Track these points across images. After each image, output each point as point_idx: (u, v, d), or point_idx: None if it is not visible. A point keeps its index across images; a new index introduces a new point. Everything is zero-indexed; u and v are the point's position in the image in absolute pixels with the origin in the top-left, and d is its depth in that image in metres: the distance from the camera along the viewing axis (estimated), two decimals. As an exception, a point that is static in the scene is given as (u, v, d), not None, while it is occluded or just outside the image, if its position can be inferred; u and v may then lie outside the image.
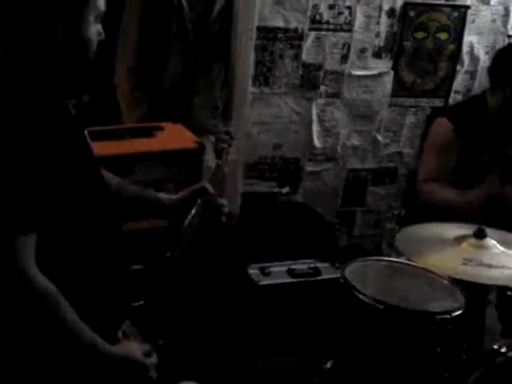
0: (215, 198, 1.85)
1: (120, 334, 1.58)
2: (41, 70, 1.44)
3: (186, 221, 1.77)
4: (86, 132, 1.61)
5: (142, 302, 1.72)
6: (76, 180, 1.44)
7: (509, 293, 2.28)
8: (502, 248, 2.12)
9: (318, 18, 3.43)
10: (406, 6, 3.55)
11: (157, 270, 1.75)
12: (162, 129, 2.81)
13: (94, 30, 1.48)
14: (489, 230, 2.16)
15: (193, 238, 1.77)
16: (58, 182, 1.38)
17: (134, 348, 1.52)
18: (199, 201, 1.80)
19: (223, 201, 1.88)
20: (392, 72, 3.67)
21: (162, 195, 1.89)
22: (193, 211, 1.78)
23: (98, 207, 1.53)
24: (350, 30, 3.51)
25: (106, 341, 1.44)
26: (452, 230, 2.24)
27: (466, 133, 2.76)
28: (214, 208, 1.84)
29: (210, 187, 1.85)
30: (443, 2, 3.63)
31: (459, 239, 2.16)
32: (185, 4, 2.97)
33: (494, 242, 2.13)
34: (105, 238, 1.55)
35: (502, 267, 2.00)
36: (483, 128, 2.80)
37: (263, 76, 3.44)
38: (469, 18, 3.70)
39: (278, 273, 2.85)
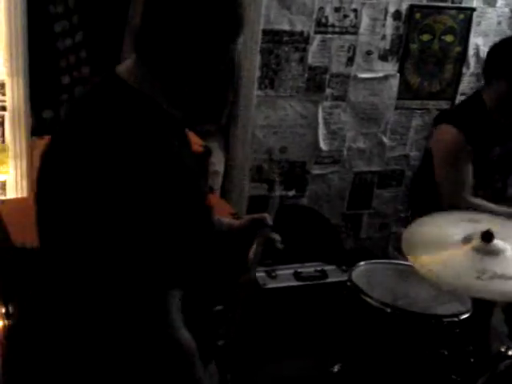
0: (271, 231, 1.85)
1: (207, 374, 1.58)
2: (175, 96, 1.40)
3: (251, 254, 1.78)
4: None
5: (223, 341, 1.72)
6: (198, 223, 1.40)
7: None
8: (510, 251, 2.07)
9: (323, 20, 3.43)
10: (411, 8, 3.55)
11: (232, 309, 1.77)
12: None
13: (235, 55, 1.45)
14: (494, 227, 2.09)
15: (249, 274, 1.79)
16: (191, 228, 1.34)
17: None
18: (258, 235, 1.81)
19: (277, 236, 1.88)
20: (398, 75, 3.67)
21: (227, 221, 1.88)
22: (254, 246, 1.79)
23: (204, 247, 1.49)
24: (355, 33, 3.51)
25: None
26: (458, 227, 2.17)
27: (475, 137, 2.76)
28: (272, 243, 1.85)
29: (269, 220, 1.84)
30: (449, 4, 3.63)
31: (466, 242, 2.10)
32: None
33: (502, 243, 2.07)
34: (201, 277, 1.53)
35: None
36: (487, 128, 2.80)
37: (269, 79, 3.44)
38: (474, 20, 3.70)
39: (285, 276, 2.85)
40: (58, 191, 1.37)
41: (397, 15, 3.55)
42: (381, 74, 3.64)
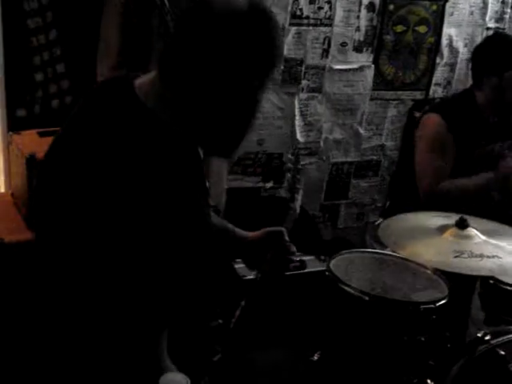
0: (289, 245, 1.86)
1: None
2: (194, 126, 1.37)
3: (258, 272, 1.80)
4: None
5: (219, 356, 1.72)
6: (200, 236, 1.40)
7: (492, 281, 2.32)
8: (483, 237, 2.14)
9: (298, 13, 3.44)
10: (385, 0, 3.59)
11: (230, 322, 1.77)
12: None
13: (262, 96, 1.42)
14: (469, 219, 2.17)
15: (259, 287, 1.80)
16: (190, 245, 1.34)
17: None
18: (272, 251, 1.82)
19: (294, 249, 1.88)
20: (373, 66, 3.70)
21: (238, 231, 1.87)
22: (264, 264, 1.81)
23: (202, 259, 1.47)
24: (330, 25, 3.53)
25: None
26: (432, 220, 2.25)
27: (459, 129, 2.79)
28: (285, 260, 1.86)
29: (285, 234, 1.84)
30: (422, -5, 3.67)
31: (442, 229, 2.17)
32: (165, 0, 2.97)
33: (475, 231, 2.15)
34: (196, 292, 1.52)
35: (493, 257, 2.01)
36: (474, 123, 2.82)
37: (245, 72, 3.44)
38: (447, 10, 3.74)
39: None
40: (58, 201, 1.35)
41: (371, 7, 3.57)
42: (356, 66, 3.66)
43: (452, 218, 2.18)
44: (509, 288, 2.29)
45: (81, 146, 1.34)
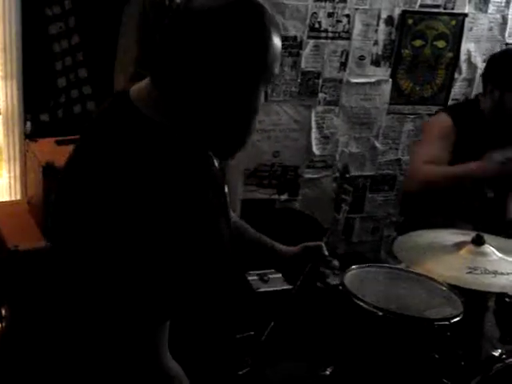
0: (329, 259, 1.86)
1: None
2: (194, 130, 1.33)
3: (295, 286, 1.81)
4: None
5: (247, 369, 1.71)
6: (214, 251, 1.34)
7: (507, 299, 2.29)
8: (499, 254, 2.12)
9: (316, 25, 3.45)
10: (404, 14, 3.58)
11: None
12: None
13: (262, 95, 1.37)
14: (486, 237, 2.16)
15: (294, 302, 1.81)
16: (201, 257, 1.29)
17: None
18: (309, 265, 1.83)
19: (335, 262, 1.88)
20: (390, 80, 3.69)
21: (277, 245, 1.87)
22: (301, 277, 1.82)
23: (221, 274, 1.44)
24: (348, 38, 3.53)
25: None
26: (449, 237, 2.24)
27: (463, 127, 2.79)
28: (321, 274, 1.87)
29: (324, 248, 1.85)
30: (441, 10, 3.66)
31: (458, 246, 2.16)
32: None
33: (492, 248, 2.13)
34: (218, 304, 1.49)
35: (507, 274, 1.99)
36: (478, 129, 2.82)
37: (262, 83, 3.45)
38: (466, 26, 3.73)
39: (277, 279, 2.85)
40: (71, 216, 1.35)
41: (389, 21, 3.57)
42: (373, 79, 3.66)
43: (469, 236, 2.17)
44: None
45: (90, 161, 1.34)
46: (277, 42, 1.33)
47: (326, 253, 1.85)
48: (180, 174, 1.26)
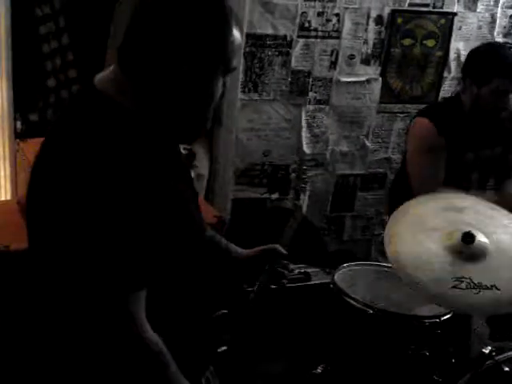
0: (284, 261, 1.86)
1: (203, 381, 1.59)
2: (159, 113, 1.38)
3: (254, 288, 1.82)
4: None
5: (224, 348, 1.72)
6: (182, 227, 1.40)
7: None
8: (489, 250, 2.03)
9: (306, 25, 3.45)
10: (393, 13, 3.59)
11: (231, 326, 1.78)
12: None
13: (220, 84, 1.44)
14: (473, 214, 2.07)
15: (256, 302, 1.82)
16: (169, 231, 1.33)
17: None
18: (267, 266, 1.84)
19: (291, 266, 1.89)
20: (380, 78, 3.70)
21: (233, 247, 1.87)
22: (260, 278, 1.83)
23: (193, 251, 1.50)
24: (338, 37, 3.54)
25: None
26: (439, 221, 2.10)
27: (448, 132, 2.79)
28: (279, 275, 1.87)
29: (282, 250, 1.86)
30: (430, 9, 3.67)
31: (447, 239, 2.06)
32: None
33: (482, 242, 2.00)
34: (193, 281, 1.53)
35: (491, 288, 1.88)
36: (462, 127, 2.83)
37: (252, 83, 3.46)
38: (456, 24, 3.74)
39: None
40: (39, 197, 1.38)
41: (379, 20, 3.58)
42: (363, 78, 3.67)
43: (462, 216, 2.08)
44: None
45: (55, 146, 1.38)
46: (236, 34, 1.39)
47: (283, 252, 1.85)
48: (141, 152, 1.31)
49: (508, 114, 2.81)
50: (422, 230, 2.07)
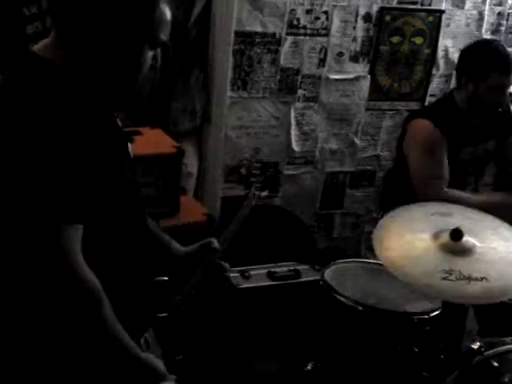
0: (218, 257, 1.87)
1: (142, 342, 1.59)
2: (89, 76, 1.45)
3: (192, 279, 1.82)
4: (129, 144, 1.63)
5: (165, 314, 1.73)
6: (114, 179, 1.46)
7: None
8: (478, 245, 2.03)
9: (295, 22, 3.45)
10: (381, 10, 3.59)
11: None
12: (140, 134, 2.82)
13: (148, 55, 1.50)
14: (464, 221, 2.07)
15: (194, 291, 1.82)
16: (99, 176, 1.39)
17: (159, 361, 1.53)
18: (203, 262, 1.84)
19: (226, 264, 1.89)
20: (369, 76, 3.71)
21: (174, 244, 1.88)
22: (198, 271, 1.83)
23: (131, 212, 1.55)
24: (327, 35, 3.54)
25: None
26: (428, 224, 2.12)
27: (447, 130, 2.80)
28: (217, 268, 1.87)
29: (216, 245, 1.86)
30: (418, 6, 3.68)
31: (435, 238, 2.08)
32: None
33: (471, 240, 2.02)
34: (135, 241, 1.57)
35: (481, 279, 1.90)
36: (458, 125, 2.84)
37: (241, 80, 3.46)
38: (444, 22, 3.75)
39: (259, 276, 2.86)
40: None
41: (367, 17, 3.58)
42: (352, 76, 3.67)
43: (451, 219, 2.09)
44: (502, 300, 2.28)
45: None
46: (163, 9, 1.48)
47: (219, 248, 1.86)
48: (71, 105, 1.37)
49: (503, 109, 2.83)
50: (410, 231, 2.10)
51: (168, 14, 1.51)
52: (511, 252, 2.03)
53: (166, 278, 1.78)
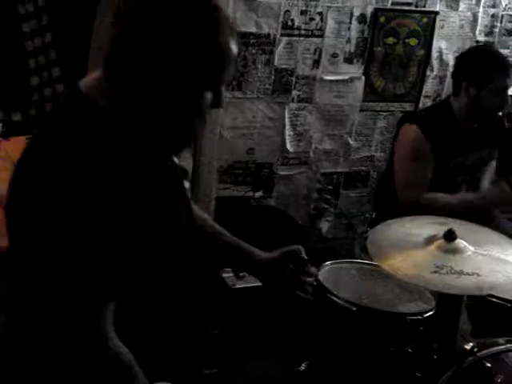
0: (306, 264, 1.86)
1: None
2: (137, 121, 1.36)
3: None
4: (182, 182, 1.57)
5: (215, 370, 1.71)
6: (163, 240, 1.39)
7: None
8: (471, 248, 2.09)
9: (289, 23, 3.46)
10: (376, 12, 3.60)
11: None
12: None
13: (208, 96, 1.42)
14: (460, 229, 2.13)
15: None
16: (146, 244, 1.32)
17: None
18: (289, 269, 1.84)
19: (313, 269, 1.89)
20: (363, 77, 3.72)
21: (256, 251, 1.88)
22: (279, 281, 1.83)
23: (182, 267, 1.48)
24: (321, 36, 3.54)
25: None
26: (424, 229, 2.20)
27: (436, 138, 2.80)
28: (300, 280, 1.86)
29: (302, 251, 1.85)
30: (413, 7, 3.69)
31: (429, 241, 2.13)
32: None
33: (464, 243, 2.06)
34: (184, 297, 1.52)
35: (472, 274, 1.93)
36: (452, 133, 2.84)
37: (236, 81, 3.46)
38: (438, 23, 3.76)
39: (252, 276, 2.86)
40: (17, 200, 1.38)
41: (362, 19, 3.59)
42: (346, 77, 3.68)
43: (445, 226, 2.11)
44: (495, 300, 2.29)
45: (35, 153, 1.37)
46: (228, 44, 1.38)
47: (305, 256, 1.85)
48: (117, 160, 1.29)
49: (499, 115, 2.84)
50: (405, 235, 2.13)
51: (235, 48, 1.41)
52: (505, 253, 2.05)
53: (218, 331, 1.74)
